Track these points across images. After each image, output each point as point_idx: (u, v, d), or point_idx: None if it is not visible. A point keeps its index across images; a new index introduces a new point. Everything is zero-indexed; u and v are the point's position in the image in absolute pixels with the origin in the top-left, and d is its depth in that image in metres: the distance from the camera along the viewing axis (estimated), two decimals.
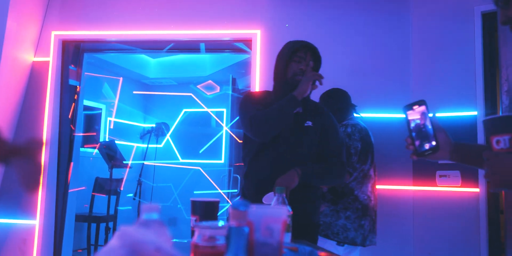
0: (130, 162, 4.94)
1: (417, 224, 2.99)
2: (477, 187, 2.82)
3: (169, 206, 5.42)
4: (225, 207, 4.32)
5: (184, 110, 5.71)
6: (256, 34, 3.28)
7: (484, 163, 1.06)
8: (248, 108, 1.96)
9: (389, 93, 3.14)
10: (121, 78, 5.12)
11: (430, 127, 1.24)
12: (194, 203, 1.29)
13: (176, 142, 5.65)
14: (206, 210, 1.28)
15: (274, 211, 0.78)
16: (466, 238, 2.84)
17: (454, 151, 1.27)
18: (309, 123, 1.95)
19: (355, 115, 2.69)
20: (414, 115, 1.24)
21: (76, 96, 3.67)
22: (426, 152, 1.23)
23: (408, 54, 3.16)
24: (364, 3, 3.26)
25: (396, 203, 3.04)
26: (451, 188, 2.91)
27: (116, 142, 4.76)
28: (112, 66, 5.31)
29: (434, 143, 1.23)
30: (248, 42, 3.42)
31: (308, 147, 1.93)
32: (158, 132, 5.24)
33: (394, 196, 3.04)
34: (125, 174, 4.91)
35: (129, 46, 3.69)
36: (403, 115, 1.25)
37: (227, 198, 4.64)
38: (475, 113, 2.87)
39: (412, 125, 1.25)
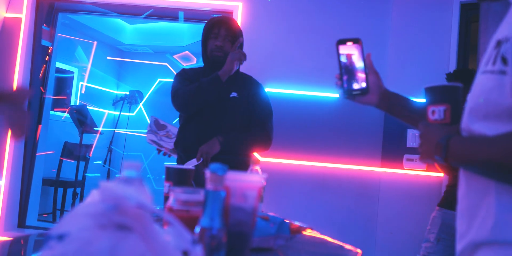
0: (100, 129, 4.87)
1: (382, 204, 3.09)
2: (441, 172, 2.92)
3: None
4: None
5: (159, 79, 5.62)
6: (238, 7, 3.24)
7: (419, 134, 1.02)
8: (176, 82, 2.10)
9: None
10: (95, 42, 4.98)
11: (362, 67, 1.17)
12: (168, 169, 1.30)
13: (149, 112, 5.58)
14: (180, 176, 1.29)
15: (250, 178, 0.79)
16: (426, 220, 2.96)
17: (382, 97, 1.22)
18: (235, 94, 2.05)
19: None
20: (347, 51, 1.17)
21: (48, 57, 3.56)
22: (354, 92, 1.17)
23: (386, 40, 3.19)
24: None
25: (363, 183, 3.12)
26: (417, 172, 3.01)
27: (88, 107, 4.67)
28: (87, 29, 5.14)
29: (364, 84, 1.17)
30: (228, 14, 3.37)
31: (233, 118, 2.04)
32: (131, 100, 5.16)
33: (362, 176, 3.13)
34: (95, 140, 4.84)
35: (106, 10, 3.58)
36: (336, 50, 1.17)
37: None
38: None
39: (343, 61, 1.17)
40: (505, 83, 0.82)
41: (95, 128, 4.74)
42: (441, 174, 2.92)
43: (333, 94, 3.15)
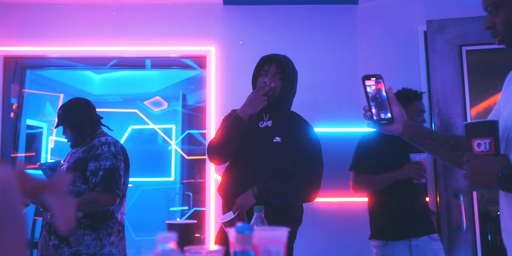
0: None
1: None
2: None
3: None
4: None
5: (131, 127, 5.55)
6: (211, 51, 3.27)
7: (465, 164, 1.12)
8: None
9: (341, 108, 3.22)
10: (62, 95, 4.91)
11: (386, 100, 1.30)
12: (170, 226, 1.25)
13: None
14: (184, 233, 1.25)
15: (276, 233, 0.76)
16: None
17: (406, 126, 1.32)
18: (278, 139, 1.91)
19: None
20: (372, 86, 1.30)
21: (13, 114, 3.47)
22: (382, 121, 1.29)
23: (357, 70, 3.28)
24: (315, 21, 3.35)
25: (353, 214, 3.10)
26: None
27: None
28: (55, 83, 5.08)
29: (389, 115, 1.29)
30: (199, 59, 3.40)
31: (274, 165, 1.89)
32: None
33: (350, 208, 3.11)
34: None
35: (72, 62, 3.56)
36: (362, 84, 1.30)
37: (178, 218, 4.54)
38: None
39: (370, 94, 1.30)
40: None
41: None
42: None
43: (321, 129, 3.18)
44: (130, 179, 5.60)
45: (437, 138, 1.32)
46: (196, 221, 1.29)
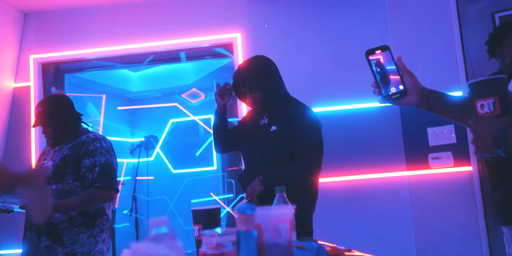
0: (122, 179, 4.91)
1: (415, 208, 3.03)
2: (470, 165, 2.87)
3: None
4: (223, 212, 4.32)
5: (171, 120, 5.69)
6: (236, 38, 3.30)
7: (471, 129, 1.05)
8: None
9: (370, 85, 3.16)
10: (104, 95, 5.09)
11: (395, 71, 1.21)
12: (195, 213, 1.30)
13: (167, 154, 5.62)
14: (208, 218, 1.29)
15: (280, 211, 0.79)
16: (464, 216, 2.89)
17: (421, 96, 1.24)
18: (274, 127, 2.07)
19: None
20: (378, 60, 1.22)
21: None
22: (393, 96, 1.21)
23: (388, 43, 3.19)
24: (342, 2, 3.29)
25: (392, 190, 3.08)
26: (444, 170, 2.95)
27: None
28: (94, 84, 5.28)
29: (401, 87, 1.21)
30: (228, 47, 3.43)
31: (274, 151, 2.05)
32: (147, 146, 5.21)
33: (390, 183, 3.08)
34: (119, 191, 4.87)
35: (109, 62, 3.69)
36: (366, 59, 1.22)
37: (223, 204, 4.64)
38: (460, 93, 2.92)
39: (376, 69, 1.21)
40: None
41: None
42: (470, 168, 2.86)
43: (344, 106, 3.15)
44: (177, 171, 5.77)
45: (457, 104, 1.23)
46: (219, 206, 1.33)
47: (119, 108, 5.83)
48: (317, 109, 3.16)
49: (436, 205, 2.97)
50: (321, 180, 3.14)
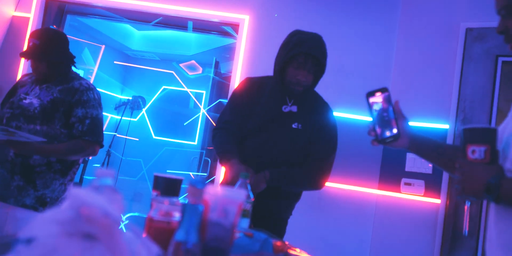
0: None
1: (377, 227, 3.05)
2: (439, 198, 2.88)
3: (136, 181, 5.38)
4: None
5: (164, 87, 5.64)
6: (244, 20, 3.25)
7: (457, 170, 1.08)
8: (226, 110, 1.94)
9: (363, 97, 3.15)
10: (103, 46, 5.01)
11: (392, 114, 1.25)
12: (156, 178, 1.28)
13: (151, 118, 5.57)
14: (168, 186, 1.27)
15: (231, 193, 0.77)
16: (421, 246, 2.91)
17: (413, 140, 1.28)
18: (298, 125, 1.87)
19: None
20: (377, 102, 1.25)
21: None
22: (388, 139, 1.25)
23: (390, 61, 3.19)
24: (354, 5, 3.25)
25: (359, 204, 3.08)
26: (414, 197, 2.97)
27: None
28: (95, 32, 5.17)
29: (395, 130, 1.24)
30: (235, 27, 3.39)
31: (291, 149, 1.86)
32: (134, 105, 5.16)
33: (358, 198, 3.09)
34: None
35: (115, 14, 3.60)
36: (366, 101, 1.26)
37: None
38: (447, 126, 2.93)
39: (374, 111, 1.25)
40: None
41: None
42: (439, 201, 2.89)
43: (342, 114, 3.14)
44: (157, 137, 5.71)
45: (445, 152, 1.27)
46: (183, 178, 1.31)
47: (115, 62, 5.75)
48: None
49: (397, 228, 2.99)
50: (331, 185, 3.15)
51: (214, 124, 4.82)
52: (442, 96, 2.97)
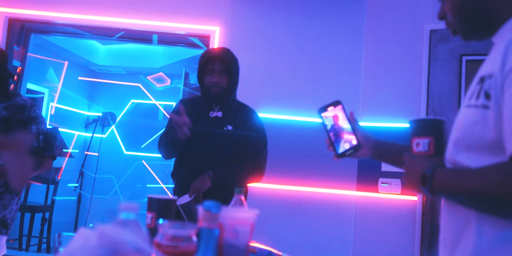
0: (70, 151, 4.74)
1: (358, 228, 3.10)
2: (416, 195, 2.97)
3: (109, 198, 5.27)
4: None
5: (132, 100, 5.56)
6: (215, 31, 3.25)
7: (404, 165, 1.06)
8: (167, 124, 2.16)
9: (340, 99, 3.22)
10: (66, 62, 4.90)
11: (348, 126, 1.23)
12: (150, 200, 1.27)
13: (121, 133, 5.48)
14: (162, 207, 1.26)
15: (243, 214, 0.78)
16: (402, 242, 2.99)
17: (374, 149, 1.27)
18: (229, 127, 2.06)
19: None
20: (330, 116, 1.24)
21: (16, 77, 3.47)
22: (347, 152, 1.23)
23: (360, 64, 3.27)
24: (322, 10, 3.32)
25: (339, 207, 3.13)
26: (392, 196, 3.04)
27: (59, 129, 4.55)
28: (59, 49, 5.06)
29: (354, 142, 1.22)
30: (204, 38, 3.38)
31: (227, 151, 2.04)
32: (104, 122, 5.07)
33: (338, 200, 3.14)
34: (64, 162, 4.71)
35: (78, 30, 3.55)
36: (319, 117, 1.24)
37: (169, 193, 4.57)
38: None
39: (329, 126, 1.23)
40: (488, 117, 0.86)
41: (64, 150, 4.61)
42: (415, 198, 2.97)
43: (308, 118, 3.18)
44: (129, 152, 5.61)
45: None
46: (176, 198, 1.30)
47: (80, 78, 5.63)
48: (281, 117, 3.19)
49: (378, 228, 3.05)
50: (271, 186, 3.22)
51: None
52: (412, 96, 3.07)
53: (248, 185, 2.17)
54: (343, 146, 1.22)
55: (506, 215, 0.86)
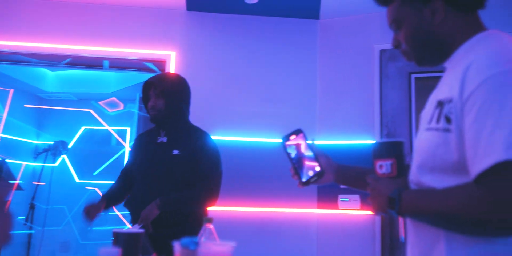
0: (17, 182, 4.52)
1: (321, 245, 3.13)
2: (380, 215, 3.04)
3: (61, 230, 5.04)
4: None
5: (83, 127, 5.40)
6: (170, 56, 3.25)
7: (368, 187, 1.08)
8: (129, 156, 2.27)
9: (298, 121, 3.28)
10: (11, 90, 4.70)
11: (311, 153, 1.25)
12: (116, 235, 1.23)
13: (73, 161, 5.29)
14: (129, 242, 1.23)
15: (220, 248, 0.77)
16: None
17: (337, 174, 1.29)
18: (176, 151, 2.05)
19: None
20: (293, 145, 1.26)
21: None
22: (312, 179, 1.24)
23: (315, 84, 3.35)
24: (275, 33, 3.40)
25: (302, 225, 3.15)
26: (351, 211, 3.10)
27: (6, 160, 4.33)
28: (5, 78, 4.86)
29: (318, 168, 1.24)
30: (159, 63, 3.36)
31: (175, 176, 2.03)
32: (55, 151, 4.87)
33: (300, 219, 3.16)
34: (11, 195, 4.47)
35: (25, 58, 3.43)
36: (282, 147, 1.26)
37: (126, 222, 4.43)
38: (373, 142, 3.12)
39: (293, 155, 1.25)
40: (450, 140, 0.90)
41: (10, 182, 4.38)
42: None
43: (267, 139, 3.21)
44: (81, 181, 5.44)
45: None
46: (144, 230, 1.27)
47: (25, 105, 5.42)
48: (240, 138, 3.20)
49: (340, 243, 3.09)
50: (233, 208, 3.19)
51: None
52: (366, 114, 3.18)
53: (208, 209, 2.14)
54: (307, 174, 1.24)
55: (473, 233, 0.89)
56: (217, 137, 3.19)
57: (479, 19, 1.04)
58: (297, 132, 1.26)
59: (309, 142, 1.27)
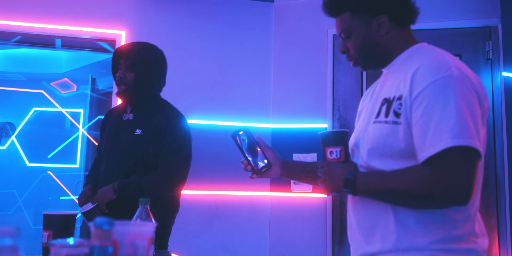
0: None
1: (273, 227, 3.17)
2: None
3: (12, 215, 4.89)
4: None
5: (34, 108, 5.20)
6: (121, 35, 3.15)
7: (319, 171, 1.22)
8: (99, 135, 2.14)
9: (252, 105, 3.27)
10: None
11: (258, 148, 1.39)
12: (46, 217, 1.19)
13: (23, 144, 5.10)
14: (61, 224, 1.19)
15: (140, 228, 0.75)
16: (315, 238, 3.09)
17: (283, 167, 1.42)
18: (139, 131, 1.89)
19: None
20: (243, 139, 1.39)
21: None
22: (262, 169, 1.38)
23: (269, 69, 3.34)
24: (230, 15, 3.35)
25: (255, 208, 3.17)
26: (303, 194, 3.15)
27: None
28: None
29: (265, 161, 1.38)
30: (111, 42, 3.26)
31: (137, 157, 1.88)
32: (1, 133, 4.68)
33: (253, 202, 3.18)
34: None
35: None
36: (233, 141, 1.39)
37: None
38: (326, 125, 3.16)
39: (244, 148, 1.39)
40: (398, 131, 1.08)
41: None
42: (325, 195, 3.09)
43: (219, 122, 3.19)
44: (32, 164, 5.27)
45: (312, 169, 1.40)
46: (76, 213, 1.23)
47: None
48: (194, 121, 3.16)
49: (292, 226, 3.13)
50: (186, 192, 3.16)
51: (96, 143, 4.59)
52: (319, 98, 3.20)
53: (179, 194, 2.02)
54: (258, 165, 1.38)
55: (420, 207, 1.06)
56: None
57: (411, 32, 1.24)
58: (245, 129, 1.39)
59: (256, 136, 1.41)
